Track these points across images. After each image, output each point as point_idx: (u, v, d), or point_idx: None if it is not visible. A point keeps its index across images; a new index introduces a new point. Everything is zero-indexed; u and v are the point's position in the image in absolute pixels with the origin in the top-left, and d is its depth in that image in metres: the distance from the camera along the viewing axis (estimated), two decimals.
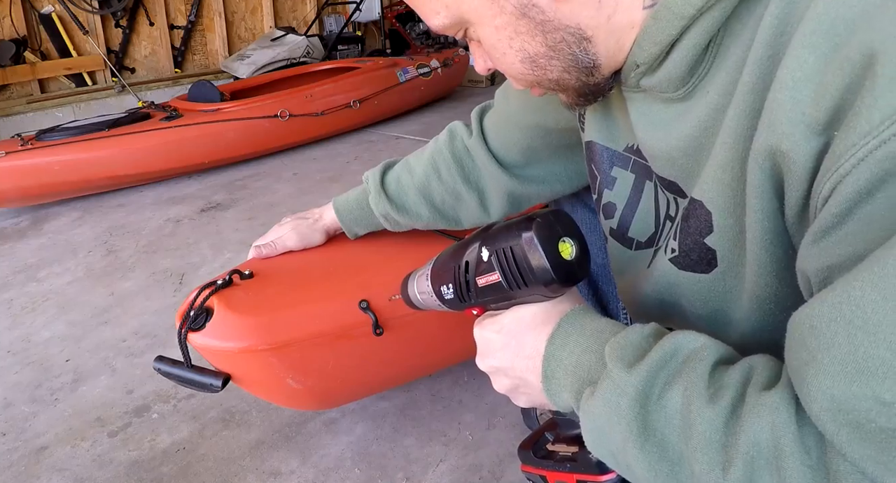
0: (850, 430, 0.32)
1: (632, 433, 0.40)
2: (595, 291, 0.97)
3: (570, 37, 0.46)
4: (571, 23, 0.45)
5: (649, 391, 0.40)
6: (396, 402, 1.14)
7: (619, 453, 0.42)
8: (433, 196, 0.87)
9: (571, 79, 0.49)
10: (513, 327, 0.52)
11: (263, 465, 1.03)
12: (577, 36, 0.46)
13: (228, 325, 0.79)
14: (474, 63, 0.55)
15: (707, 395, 0.38)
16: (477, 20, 0.47)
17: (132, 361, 1.33)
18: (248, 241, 1.92)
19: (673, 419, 0.39)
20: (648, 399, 0.40)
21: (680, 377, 0.40)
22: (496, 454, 1.02)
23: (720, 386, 0.38)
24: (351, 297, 0.84)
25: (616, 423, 0.41)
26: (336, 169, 2.63)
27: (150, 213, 2.22)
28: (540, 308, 0.51)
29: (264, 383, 0.87)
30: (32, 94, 3.42)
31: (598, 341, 0.46)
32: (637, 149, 0.59)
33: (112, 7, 3.58)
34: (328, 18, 4.82)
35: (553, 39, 0.46)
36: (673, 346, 0.42)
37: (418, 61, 3.51)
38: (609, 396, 0.41)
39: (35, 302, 1.61)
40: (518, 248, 0.48)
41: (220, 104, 2.62)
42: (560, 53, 0.47)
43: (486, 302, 0.54)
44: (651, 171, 0.58)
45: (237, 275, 0.86)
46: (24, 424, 1.15)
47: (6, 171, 2.10)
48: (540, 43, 0.47)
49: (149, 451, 1.07)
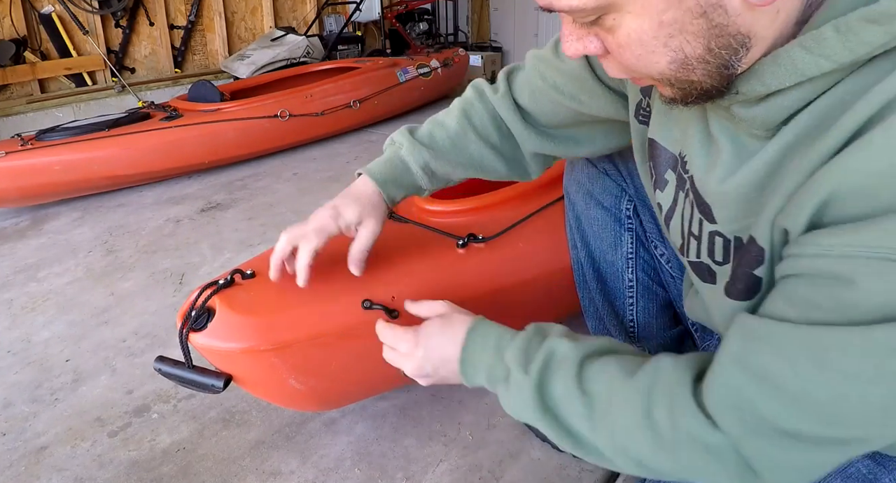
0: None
1: (535, 413, 0.58)
2: (603, 287, 0.97)
3: (735, 43, 0.44)
4: (744, 30, 0.43)
5: (541, 385, 0.59)
6: (396, 402, 1.14)
7: (532, 423, 0.60)
8: (469, 147, 0.85)
9: (709, 83, 0.47)
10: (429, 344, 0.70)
11: (263, 465, 1.03)
12: (743, 44, 0.44)
13: (230, 325, 0.79)
14: (567, 45, 0.50)
15: (576, 382, 0.57)
16: (638, 10, 0.43)
17: (132, 361, 1.33)
18: (247, 241, 1.93)
19: (558, 401, 0.58)
20: (541, 390, 0.58)
21: (558, 371, 0.58)
22: (496, 454, 1.02)
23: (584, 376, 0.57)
24: (353, 297, 0.84)
25: (524, 408, 0.60)
26: (336, 169, 2.63)
27: (150, 213, 2.22)
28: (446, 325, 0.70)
29: (266, 384, 0.87)
30: (32, 94, 3.41)
31: (498, 349, 0.64)
32: (685, 159, 0.60)
33: (112, 7, 3.58)
34: (328, 18, 4.81)
35: (718, 44, 0.44)
36: (550, 350, 0.60)
37: (418, 61, 3.51)
38: (515, 392, 0.61)
39: (35, 302, 1.60)
40: None
41: (220, 104, 2.62)
42: (717, 58, 0.45)
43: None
44: (685, 185, 0.61)
45: (239, 274, 0.86)
46: (24, 424, 1.15)
47: (6, 171, 2.10)
48: (702, 45, 0.44)
49: (149, 451, 1.07)
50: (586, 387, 0.56)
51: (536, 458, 1.02)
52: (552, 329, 0.64)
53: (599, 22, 0.46)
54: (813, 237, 0.43)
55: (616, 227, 0.93)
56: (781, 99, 0.45)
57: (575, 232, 0.99)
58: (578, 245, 0.99)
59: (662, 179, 0.66)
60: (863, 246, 0.39)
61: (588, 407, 0.55)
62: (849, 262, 0.40)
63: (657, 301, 0.94)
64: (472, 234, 0.98)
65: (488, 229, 1.00)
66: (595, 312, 1.00)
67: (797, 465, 0.46)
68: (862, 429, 0.44)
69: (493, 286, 0.96)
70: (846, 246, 0.40)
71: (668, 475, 0.52)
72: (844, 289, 0.41)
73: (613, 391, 0.54)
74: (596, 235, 0.95)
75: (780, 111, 0.45)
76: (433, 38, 5.31)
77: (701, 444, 0.48)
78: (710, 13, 0.42)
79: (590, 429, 0.55)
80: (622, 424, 0.53)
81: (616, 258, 0.94)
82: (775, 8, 0.42)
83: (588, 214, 0.96)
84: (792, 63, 0.43)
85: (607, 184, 0.94)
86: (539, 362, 0.59)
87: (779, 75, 0.44)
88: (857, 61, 0.41)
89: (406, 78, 3.35)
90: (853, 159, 0.39)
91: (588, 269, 0.98)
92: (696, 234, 0.60)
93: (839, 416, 0.43)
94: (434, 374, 0.70)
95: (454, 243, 0.97)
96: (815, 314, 0.43)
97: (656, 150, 0.66)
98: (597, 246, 0.96)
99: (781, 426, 0.45)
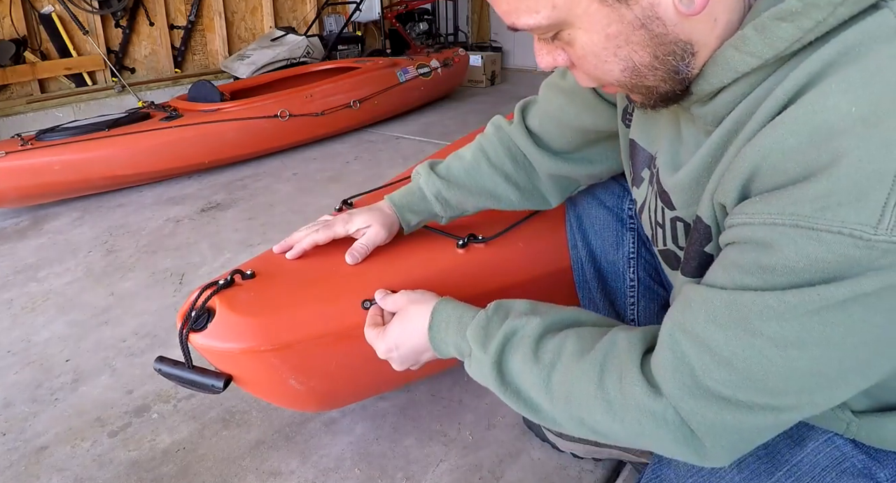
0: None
1: (496, 387, 0.62)
2: (604, 287, 0.97)
3: (679, 50, 0.48)
4: (685, 37, 0.47)
5: (500, 362, 0.62)
6: (396, 402, 1.14)
7: (496, 393, 0.64)
8: (482, 176, 0.90)
9: (664, 87, 0.51)
10: (399, 330, 0.73)
11: (263, 465, 1.03)
12: (687, 50, 0.48)
13: (230, 325, 0.79)
14: (540, 59, 0.55)
15: (533, 357, 0.60)
16: (585, 26, 0.48)
17: (132, 361, 1.33)
18: (247, 241, 1.93)
19: (516, 375, 0.61)
20: (500, 366, 0.62)
21: (517, 349, 0.61)
22: (496, 454, 1.02)
23: (542, 351, 0.60)
24: (353, 298, 0.84)
25: (485, 380, 0.64)
26: (336, 169, 2.63)
27: (150, 213, 2.22)
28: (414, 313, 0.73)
29: (266, 384, 0.87)
30: (32, 94, 3.41)
31: (460, 327, 0.68)
32: (656, 156, 0.65)
33: (112, 7, 3.58)
34: (328, 18, 4.81)
35: (663, 52, 0.48)
36: (511, 328, 0.63)
37: (418, 61, 3.51)
38: (476, 366, 0.65)
39: (35, 302, 1.60)
40: None
41: (220, 104, 2.62)
42: (664, 65, 0.49)
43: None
44: (653, 178, 0.65)
45: (239, 275, 0.86)
46: (24, 424, 1.15)
47: (6, 171, 2.10)
48: (648, 54, 0.48)
49: (149, 451, 1.07)
50: (543, 360, 0.59)
51: (536, 458, 1.02)
52: (514, 307, 0.67)
53: (559, 37, 0.51)
54: (741, 207, 0.47)
55: (618, 227, 0.94)
56: (725, 95, 0.50)
57: (576, 232, 0.99)
58: (579, 245, 0.99)
59: (639, 177, 0.71)
60: (777, 214, 0.43)
61: (545, 379, 0.59)
62: (767, 229, 0.44)
63: (658, 301, 0.94)
64: (472, 234, 0.98)
65: (488, 229, 1.00)
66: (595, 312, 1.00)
67: (734, 428, 0.49)
68: (792, 395, 0.47)
69: (493, 286, 0.96)
70: (764, 214, 0.44)
71: (621, 441, 0.56)
72: (763, 253, 0.45)
73: (570, 363, 0.57)
74: (597, 235, 0.96)
75: (725, 106, 0.50)
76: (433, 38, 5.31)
77: (647, 411, 0.51)
78: (649, 25, 0.46)
79: (548, 400, 0.59)
80: (577, 395, 0.56)
81: (618, 258, 0.94)
82: (711, 16, 0.46)
83: (589, 214, 0.97)
84: (726, 62, 0.47)
85: (609, 184, 0.95)
86: (498, 340, 0.63)
87: (718, 74, 0.48)
88: (781, 55, 0.45)
89: (406, 78, 3.35)
90: (768, 139, 0.44)
91: (589, 268, 0.98)
92: (661, 223, 0.64)
93: (768, 381, 0.46)
94: (418, 364, 0.75)
95: (454, 243, 0.97)
96: (743, 279, 0.47)
97: (635, 150, 0.71)
98: (598, 245, 0.96)
99: (717, 390, 0.48)
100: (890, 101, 0.39)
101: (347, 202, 1.08)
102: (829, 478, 0.58)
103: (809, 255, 0.42)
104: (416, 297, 0.75)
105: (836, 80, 0.41)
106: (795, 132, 0.42)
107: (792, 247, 0.42)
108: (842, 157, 0.40)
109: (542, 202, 0.94)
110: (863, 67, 0.41)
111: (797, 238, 0.42)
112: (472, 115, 3.59)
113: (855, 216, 0.39)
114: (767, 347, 0.45)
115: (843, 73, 0.41)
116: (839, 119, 0.40)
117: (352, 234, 0.91)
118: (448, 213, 0.93)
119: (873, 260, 0.40)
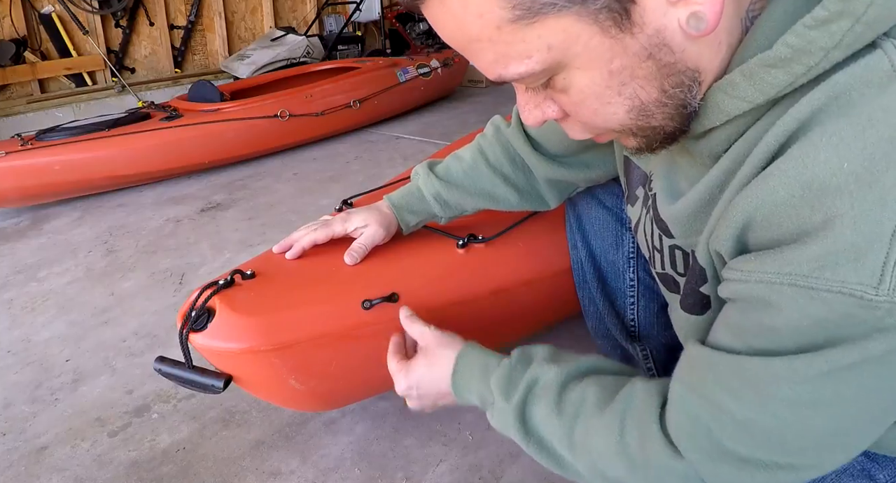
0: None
1: (519, 437, 0.62)
2: (604, 287, 0.97)
3: (687, 80, 0.44)
4: (692, 64, 0.43)
5: (523, 412, 0.62)
6: (396, 402, 1.14)
7: (519, 444, 0.63)
8: (481, 177, 0.90)
9: (671, 126, 0.47)
10: (424, 372, 0.73)
11: (263, 465, 1.03)
12: (694, 79, 0.44)
13: (230, 325, 0.79)
14: (526, 114, 0.49)
15: (556, 409, 0.60)
16: (585, 64, 0.42)
17: (132, 361, 1.33)
18: (247, 241, 1.93)
19: (539, 426, 0.61)
20: (523, 416, 0.62)
21: (540, 399, 0.62)
22: (496, 454, 1.02)
23: (564, 403, 0.60)
24: (353, 298, 0.84)
25: (508, 431, 0.64)
26: (336, 169, 2.63)
27: (150, 213, 2.22)
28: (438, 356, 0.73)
29: (266, 384, 0.87)
30: (32, 94, 3.41)
31: (484, 376, 0.67)
32: (651, 177, 0.64)
33: (112, 7, 3.58)
34: (328, 18, 4.81)
35: (671, 83, 0.44)
36: (533, 378, 0.63)
37: (418, 61, 3.51)
38: (499, 417, 0.65)
39: (35, 302, 1.60)
40: None
41: (220, 104, 2.62)
42: (672, 99, 0.45)
43: None
44: (648, 201, 0.64)
45: (239, 275, 0.86)
46: (24, 424, 1.15)
47: (6, 171, 2.10)
48: (656, 88, 0.44)
49: (149, 451, 1.07)
50: (566, 412, 0.59)
51: None
52: (536, 354, 0.66)
53: (551, 84, 0.45)
54: (737, 262, 0.46)
55: (618, 227, 0.94)
56: (718, 133, 0.47)
57: (576, 232, 0.99)
58: (579, 245, 0.99)
59: (634, 195, 0.70)
60: (773, 273, 0.42)
61: (568, 431, 0.58)
62: (764, 288, 0.42)
63: (658, 301, 0.94)
64: (471, 234, 0.98)
65: (488, 229, 1.00)
66: (595, 312, 1.00)
67: None
68: (812, 454, 0.46)
69: (493, 286, 0.96)
70: (761, 272, 0.43)
71: None
72: (765, 313, 0.43)
73: (591, 416, 0.57)
74: (597, 235, 0.96)
75: (720, 143, 0.48)
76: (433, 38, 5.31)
77: (669, 470, 0.51)
78: (657, 54, 0.42)
79: (570, 453, 0.58)
80: (599, 449, 0.56)
81: (618, 258, 0.94)
82: (717, 39, 0.43)
83: (589, 214, 0.97)
84: (717, 105, 0.45)
85: (609, 184, 0.94)
86: (521, 390, 0.63)
87: (710, 116, 0.46)
88: (772, 99, 0.43)
89: (406, 78, 3.35)
90: (759, 190, 0.42)
91: (588, 268, 0.98)
92: (659, 248, 0.63)
93: (787, 442, 0.45)
94: (434, 407, 0.76)
95: (454, 243, 0.97)
96: (747, 340, 0.46)
97: (630, 167, 0.70)
98: (598, 245, 0.96)
99: (737, 452, 0.47)
100: (882, 156, 0.37)
101: (347, 202, 1.08)
102: (829, 478, 0.59)
103: (812, 315, 0.40)
104: (445, 341, 0.74)
105: (827, 132, 0.39)
106: (786, 185, 0.40)
107: (793, 306, 0.41)
108: (836, 217, 0.38)
109: (540, 203, 0.95)
110: (854, 119, 0.38)
111: (797, 297, 0.41)
112: (471, 115, 3.59)
113: (855, 276, 0.38)
114: (781, 409, 0.44)
115: (834, 126, 0.39)
116: (831, 175, 0.38)
117: (350, 234, 0.91)
118: (447, 214, 0.94)
119: (878, 319, 0.39)
